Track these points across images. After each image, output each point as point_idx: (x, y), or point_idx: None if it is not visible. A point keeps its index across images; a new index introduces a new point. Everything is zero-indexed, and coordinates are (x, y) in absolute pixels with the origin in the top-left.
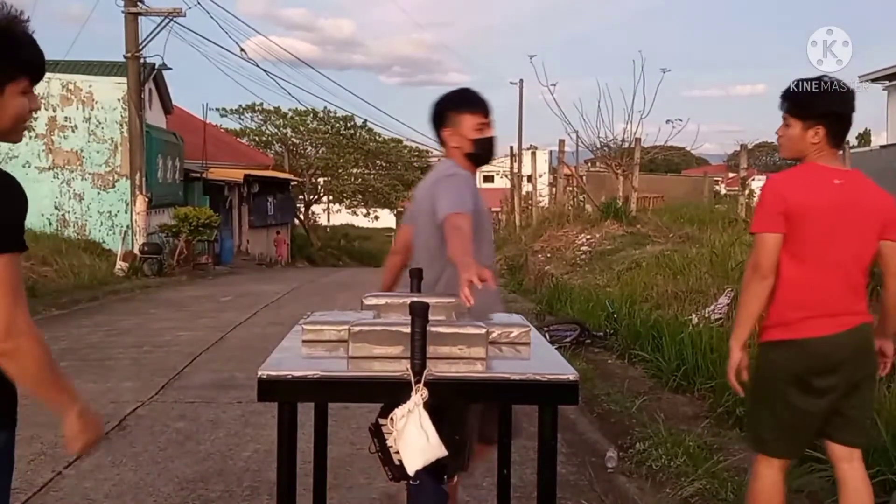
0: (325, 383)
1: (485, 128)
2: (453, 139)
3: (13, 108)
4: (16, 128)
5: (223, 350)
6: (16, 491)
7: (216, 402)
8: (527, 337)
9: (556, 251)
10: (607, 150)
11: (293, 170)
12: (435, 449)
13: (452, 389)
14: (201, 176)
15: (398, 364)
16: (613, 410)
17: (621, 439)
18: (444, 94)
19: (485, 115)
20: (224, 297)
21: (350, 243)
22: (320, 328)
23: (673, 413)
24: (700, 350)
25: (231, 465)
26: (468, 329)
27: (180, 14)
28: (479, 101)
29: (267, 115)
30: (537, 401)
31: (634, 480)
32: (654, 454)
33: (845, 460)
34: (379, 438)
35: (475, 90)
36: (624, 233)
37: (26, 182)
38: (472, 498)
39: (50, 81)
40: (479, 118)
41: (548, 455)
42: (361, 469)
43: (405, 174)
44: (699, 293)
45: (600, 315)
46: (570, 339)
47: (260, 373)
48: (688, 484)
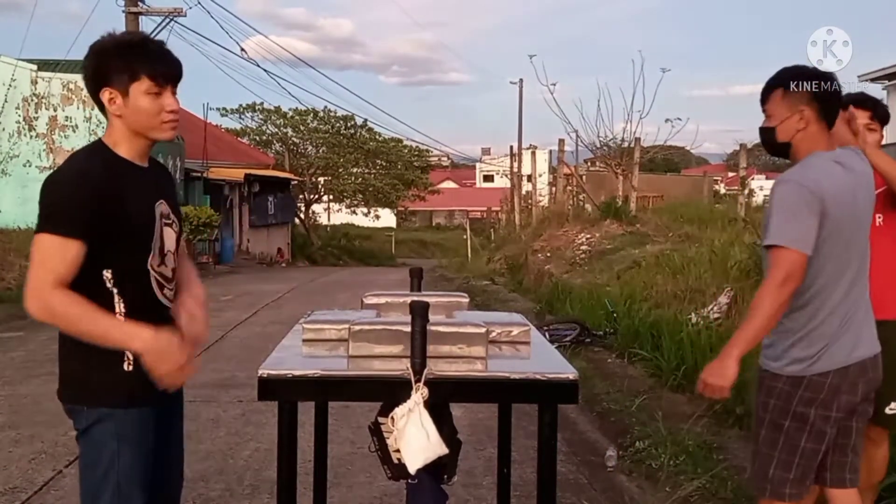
0: (326, 382)
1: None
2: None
3: (140, 106)
4: (151, 125)
5: (224, 349)
6: (16, 490)
7: (217, 401)
8: (527, 336)
9: (556, 250)
10: (607, 149)
11: (293, 169)
12: (435, 447)
13: (452, 388)
14: (202, 175)
15: (398, 363)
16: (613, 409)
17: (621, 438)
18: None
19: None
20: (224, 297)
21: (350, 243)
22: (321, 327)
23: (672, 412)
24: (699, 349)
25: (232, 463)
26: (468, 328)
27: (181, 14)
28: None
29: (267, 114)
30: (537, 400)
31: (634, 479)
32: (653, 453)
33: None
34: (378, 437)
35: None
36: (624, 232)
37: (27, 181)
38: (472, 497)
39: (50, 81)
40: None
41: (548, 454)
42: (362, 468)
43: (405, 173)
44: (699, 292)
45: (600, 314)
46: (570, 338)
47: (260, 372)
48: (687, 482)
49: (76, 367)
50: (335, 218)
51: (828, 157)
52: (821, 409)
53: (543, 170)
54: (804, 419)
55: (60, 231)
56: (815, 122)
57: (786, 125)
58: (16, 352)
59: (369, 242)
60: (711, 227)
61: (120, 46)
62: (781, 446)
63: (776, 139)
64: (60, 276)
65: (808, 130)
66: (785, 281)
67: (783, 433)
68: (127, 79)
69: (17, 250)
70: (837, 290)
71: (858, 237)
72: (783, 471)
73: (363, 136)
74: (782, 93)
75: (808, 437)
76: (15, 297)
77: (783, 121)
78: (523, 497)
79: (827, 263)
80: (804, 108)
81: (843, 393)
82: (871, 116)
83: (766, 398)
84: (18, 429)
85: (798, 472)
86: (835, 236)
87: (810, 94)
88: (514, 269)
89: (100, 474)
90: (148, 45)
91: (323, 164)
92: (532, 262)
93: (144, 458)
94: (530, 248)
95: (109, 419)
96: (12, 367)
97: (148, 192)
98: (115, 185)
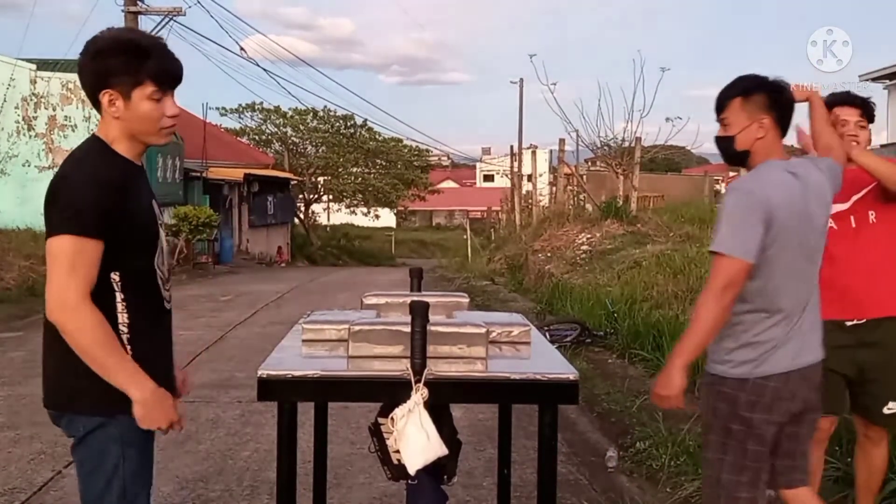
0: (325, 383)
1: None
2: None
3: (141, 111)
4: (150, 130)
5: (223, 349)
6: (15, 490)
7: (216, 401)
8: (527, 336)
9: (557, 250)
10: (607, 149)
11: (293, 169)
12: (435, 448)
13: (452, 389)
14: (201, 175)
15: (398, 363)
16: (613, 410)
17: (621, 439)
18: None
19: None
20: (224, 297)
21: (350, 242)
22: (320, 327)
23: (673, 412)
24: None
25: (231, 464)
26: (468, 328)
27: (180, 13)
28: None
29: (267, 114)
30: (537, 400)
31: (635, 480)
32: (654, 453)
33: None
34: (378, 438)
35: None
36: (624, 232)
37: (26, 181)
38: (472, 497)
39: (50, 81)
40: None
41: (548, 454)
42: (361, 468)
43: (405, 173)
44: (699, 293)
45: (600, 314)
46: (571, 338)
47: (260, 372)
48: (688, 483)
49: (70, 374)
50: (335, 218)
51: (780, 166)
52: (763, 413)
53: (544, 169)
54: (749, 423)
55: (86, 232)
56: (773, 130)
57: (745, 134)
58: (15, 352)
59: (369, 242)
60: (712, 227)
61: (123, 48)
62: (731, 450)
63: (735, 147)
64: (90, 282)
65: (766, 139)
66: (725, 288)
67: (732, 437)
68: (130, 82)
69: (17, 250)
70: (786, 295)
71: (810, 244)
72: (734, 474)
73: (363, 136)
74: (741, 102)
75: (752, 440)
76: (14, 298)
77: (742, 129)
78: (523, 498)
79: (775, 269)
80: (764, 116)
81: (784, 399)
82: (860, 114)
83: (715, 402)
84: (18, 429)
85: (749, 475)
86: (783, 243)
87: (769, 103)
88: (515, 269)
89: (103, 481)
90: (152, 49)
91: (322, 164)
92: (532, 262)
93: (147, 462)
94: (530, 248)
95: (111, 425)
96: (12, 368)
97: (147, 192)
98: (125, 185)
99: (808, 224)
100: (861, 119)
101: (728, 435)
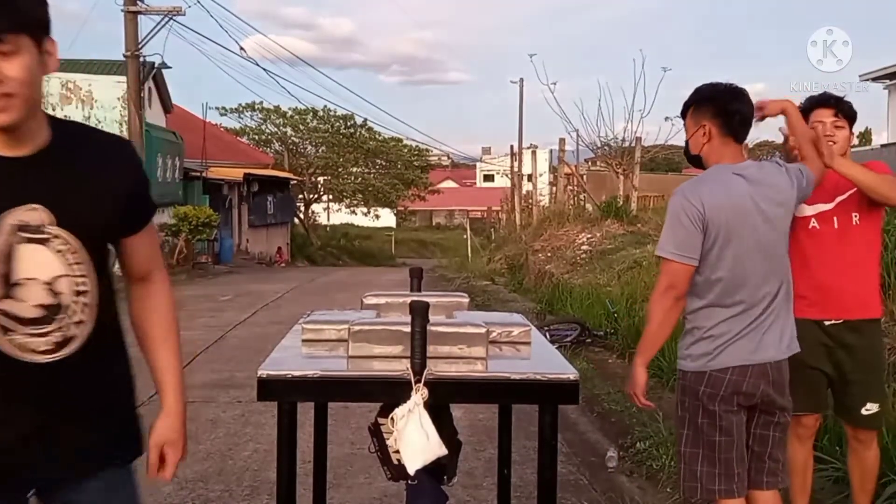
0: (325, 383)
1: None
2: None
3: None
4: None
5: (223, 349)
6: None
7: (216, 401)
8: (527, 336)
9: (557, 250)
10: (608, 148)
11: (293, 169)
12: (435, 448)
13: (452, 389)
14: (201, 175)
15: (398, 363)
16: (614, 410)
17: (622, 439)
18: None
19: None
20: (223, 297)
21: (350, 242)
22: (320, 327)
23: (673, 412)
24: None
25: (231, 464)
26: (468, 328)
27: (180, 13)
28: None
29: (267, 113)
30: (538, 400)
31: (635, 480)
32: (654, 454)
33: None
34: (378, 438)
35: None
36: (624, 232)
37: None
38: (473, 498)
39: (49, 80)
40: None
41: (548, 455)
42: (361, 469)
43: (405, 173)
44: None
45: (601, 314)
46: (571, 338)
47: (260, 372)
48: None
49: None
50: (335, 218)
51: (726, 170)
52: (723, 405)
53: (544, 169)
54: (712, 415)
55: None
56: (718, 136)
57: (693, 139)
58: None
59: (369, 242)
60: None
61: None
62: (702, 442)
63: (689, 152)
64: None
65: (711, 144)
66: (667, 289)
67: (699, 430)
68: None
69: None
70: (743, 288)
71: (767, 240)
72: (709, 466)
73: (363, 136)
74: (692, 110)
75: (719, 432)
76: None
77: (691, 135)
78: (523, 498)
79: (726, 264)
80: (706, 123)
81: (741, 392)
82: (834, 114)
83: (680, 396)
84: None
85: (722, 466)
86: (729, 243)
87: (713, 111)
88: (515, 269)
89: None
90: None
91: (322, 164)
92: (532, 262)
93: None
94: (530, 247)
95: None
96: None
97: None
98: None
99: (758, 221)
100: (837, 119)
101: (696, 428)
